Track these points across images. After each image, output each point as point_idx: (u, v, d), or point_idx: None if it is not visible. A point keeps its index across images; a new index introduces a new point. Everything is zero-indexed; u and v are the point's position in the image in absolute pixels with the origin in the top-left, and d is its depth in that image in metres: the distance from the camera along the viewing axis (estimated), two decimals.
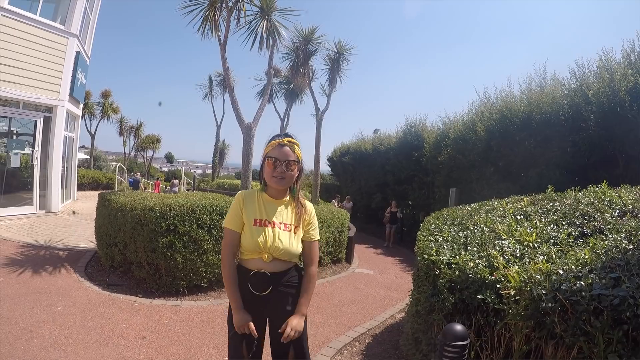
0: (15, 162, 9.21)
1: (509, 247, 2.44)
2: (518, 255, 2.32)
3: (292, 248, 1.95)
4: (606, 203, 3.09)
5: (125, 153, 34.83)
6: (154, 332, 3.92)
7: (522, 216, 3.25)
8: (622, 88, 6.81)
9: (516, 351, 1.96)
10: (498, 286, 2.04)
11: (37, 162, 9.50)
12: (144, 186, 18.98)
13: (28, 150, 9.58)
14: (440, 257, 2.55)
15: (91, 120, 29.73)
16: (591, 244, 2.20)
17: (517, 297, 1.93)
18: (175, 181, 17.25)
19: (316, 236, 2.09)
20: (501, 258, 2.27)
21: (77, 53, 10.48)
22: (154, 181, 20.50)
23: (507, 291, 1.98)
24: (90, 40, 12.39)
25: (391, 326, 4.75)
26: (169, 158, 52.85)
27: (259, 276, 1.92)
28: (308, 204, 2.11)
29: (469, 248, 2.61)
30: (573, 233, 2.63)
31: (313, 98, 15.10)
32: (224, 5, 8.49)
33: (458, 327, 1.73)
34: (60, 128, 10.01)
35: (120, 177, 18.82)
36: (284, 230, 1.97)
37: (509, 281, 2.00)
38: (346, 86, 18.96)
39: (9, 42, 8.45)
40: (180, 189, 16.66)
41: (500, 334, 2.08)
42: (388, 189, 14.58)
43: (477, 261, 2.31)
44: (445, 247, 2.72)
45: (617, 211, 2.89)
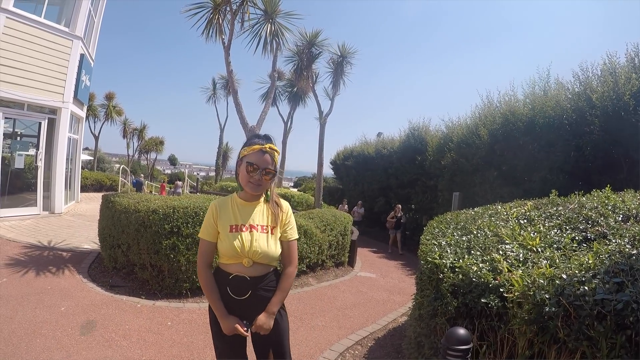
0: (19, 164, 9.25)
1: (513, 252, 2.43)
2: (521, 259, 2.32)
3: (271, 250, 1.93)
4: (610, 208, 3.08)
5: (128, 155, 34.94)
6: (157, 334, 3.93)
7: (526, 220, 3.24)
8: (627, 92, 6.79)
9: (519, 355, 1.96)
10: (501, 290, 2.04)
11: (41, 164, 9.54)
12: (148, 189, 18.98)
13: (32, 151, 9.61)
14: (443, 261, 2.55)
15: (95, 122, 29.96)
16: (595, 249, 2.19)
17: (521, 302, 1.93)
18: (178, 182, 17.11)
19: (294, 235, 2.06)
20: (504, 262, 2.27)
21: (82, 55, 10.54)
22: (159, 184, 20.37)
23: (511, 295, 1.98)
24: (94, 42, 12.45)
25: (394, 330, 4.74)
26: (173, 160, 53.03)
27: (238, 280, 1.91)
28: (284, 203, 2.07)
29: (473, 252, 2.61)
30: (576, 238, 2.62)
31: (317, 101, 15.12)
32: (228, 8, 8.55)
33: (461, 331, 1.72)
34: (64, 130, 10.05)
35: (123, 179, 18.86)
36: (261, 232, 1.94)
37: (513, 285, 2.00)
38: (350, 90, 19.06)
39: (14, 44, 8.50)
40: (183, 191, 16.62)
41: (503, 338, 2.08)
42: (391, 193, 14.56)
43: (481, 265, 2.31)
44: (448, 251, 2.72)
45: (621, 216, 2.88)
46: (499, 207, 4.02)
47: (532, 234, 2.72)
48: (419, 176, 12.97)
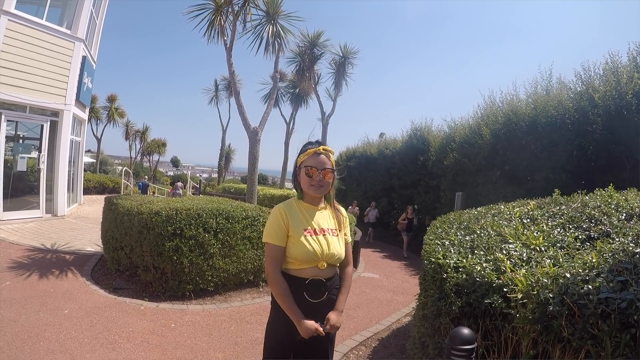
0: (21, 166, 9.28)
1: (516, 251, 2.43)
2: (525, 258, 2.31)
3: (342, 253, 2.02)
4: (613, 206, 3.07)
5: (131, 157, 34.97)
6: (160, 336, 3.93)
7: (529, 220, 3.24)
8: (629, 91, 6.78)
9: (523, 355, 1.96)
10: (505, 290, 2.04)
11: (44, 166, 9.57)
12: (152, 191, 18.94)
13: (34, 154, 9.65)
14: (447, 261, 2.55)
15: (97, 124, 29.98)
16: (598, 248, 2.19)
17: (524, 301, 1.92)
18: (178, 184, 16.60)
19: (350, 237, 2.18)
20: (508, 262, 2.26)
21: (84, 57, 10.58)
22: (169, 188, 19.82)
23: (514, 295, 1.97)
24: (96, 44, 12.49)
25: (397, 330, 4.74)
26: (175, 162, 53.11)
27: (316, 284, 1.92)
28: (342, 208, 2.17)
29: (476, 252, 2.60)
30: (580, 236, 2.61)
31: (319, 102, 15.16)
32: (230, 9, 8.56)
33: (465, 331, 1.72)
34: (66, 132, 10.09)
35: (126, 181, 18.86)
36: (332, 235, 2.00)
37: (516, 285, 2.00)
38: (352, 90, 19.05)
39: (16, 47, 8.53)
40: (184, 192, 16.41)
41: (507, 338, 2.07)
42: (394, 193, 14.53)
43: (484, 265, 2.31)
44: (452, 251, 2.72)
45: (624, 214, 2.88)
46: (502, 207, 4.01)
47: (536, 234, 2.72)
48: (422, 176, 12.94)
